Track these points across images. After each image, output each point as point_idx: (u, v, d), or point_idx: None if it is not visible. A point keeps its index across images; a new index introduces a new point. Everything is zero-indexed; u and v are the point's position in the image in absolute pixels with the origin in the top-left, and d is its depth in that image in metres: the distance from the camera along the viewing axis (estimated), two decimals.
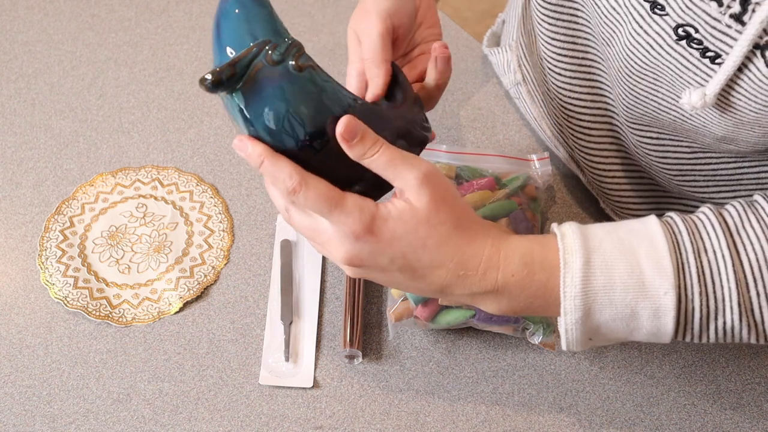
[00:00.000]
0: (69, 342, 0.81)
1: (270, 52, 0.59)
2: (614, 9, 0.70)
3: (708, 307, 0.61)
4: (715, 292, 0.61)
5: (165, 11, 1.09)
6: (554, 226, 0.65)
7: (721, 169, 0.78)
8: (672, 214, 0.65)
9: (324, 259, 0.86)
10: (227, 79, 0.58)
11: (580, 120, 0.84)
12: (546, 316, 0.65)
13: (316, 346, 0.80)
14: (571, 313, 0.62)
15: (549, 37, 0.81)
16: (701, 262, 0.61)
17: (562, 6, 0.78)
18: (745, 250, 0.61)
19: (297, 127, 0.60)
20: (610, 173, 0.85)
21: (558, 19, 0.79)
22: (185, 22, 1.08)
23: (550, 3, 0.79)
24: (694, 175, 0.79)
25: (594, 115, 0.83)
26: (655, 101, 0.72)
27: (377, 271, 0.63)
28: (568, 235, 0.63)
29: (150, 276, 0.85)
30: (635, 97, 0.73)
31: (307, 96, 0.60)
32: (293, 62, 0.60)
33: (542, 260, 0.63)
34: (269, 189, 0.65)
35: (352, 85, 0.73)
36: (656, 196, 0.85)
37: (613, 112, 0.81)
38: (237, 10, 0.60)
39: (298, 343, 0.80)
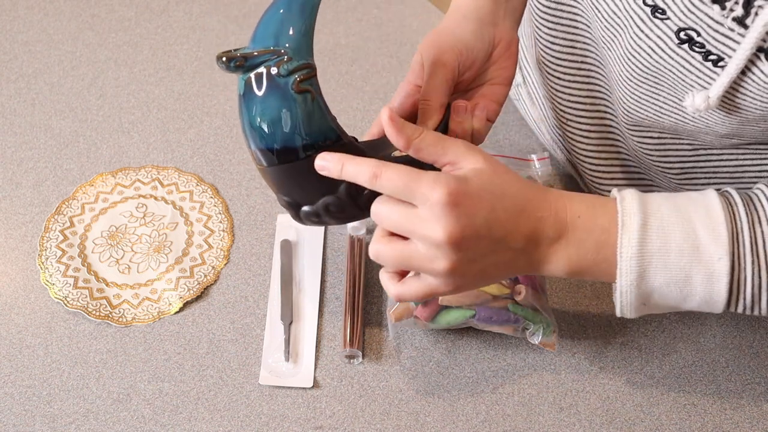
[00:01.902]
0: (69, 342, 0.81)
1: (280, 64, 0.63)
2: (615, 13, 0.69)
3: (760, 277, 0.62)
4: (767, 262, 0.62)
5: (165, 11, 1.09)
6: (614, 190, 0.67)
7: (722, 166, 0.78)
8: (729, 188, 0.66)
9: (324, 259, 0.86)
10: (235, 67, 0.64)
11: (579, 123, 0.84)
12: (605, 279, 0.66)
13: (316, 346, 0.80)
14: (627, 274, 0.63)
15: (548, 41, 0.81)
16: (755, 233, 0.62)
17: (561, 10, 0.78)
18: None
19: (269, 135, 0.64)
20: (609, 176, 0.85)
21: (557, 23, 0.79)
22: (185, 22, 1.08)
23: (549, 7, 0.79)
24: (696, 173, 0.79)
25: (592, 118, 0.83)
26: (657, 104, 0.71)
27: (476, 241, 0.61)
28: (627, 198, 0.65)
29: (150, 276, 0.85)
30: (636, 100, 0.73)
31: (291, 115, 0.63)
32: (295, 81, 0.63)
33: (603, 206, 0.65)
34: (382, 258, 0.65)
35: (395, 100, 0.72)
36: None
37: (612, 116, 0.81)
38: (281, 11, 0.63)
39: (298, 343, 0.80)
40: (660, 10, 0.64)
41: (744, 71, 0.62)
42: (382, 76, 1.03)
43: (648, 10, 0.65)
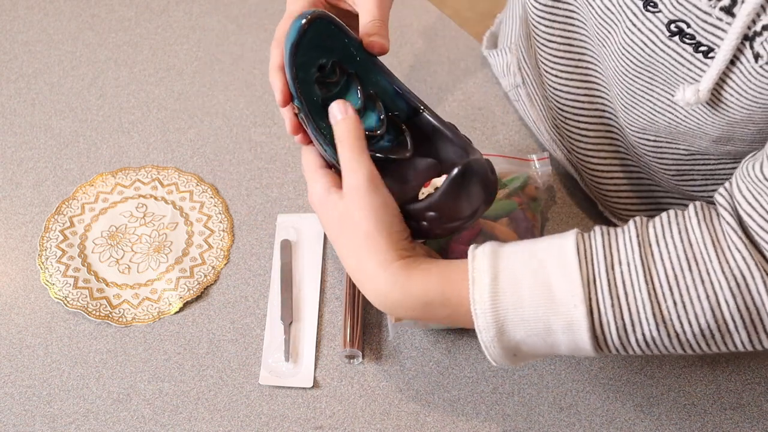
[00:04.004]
0: (69, 342, 0.81)
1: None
2: (608, 8, 0.70)
3: (623, 319, 0.60)
4: (628, 304, 0.60)
5: (165, 11, 1.09)
6: (471, 247, 0.65)
7: (719, 169, 0.78)
8: (598, 226, 0.64)
9: (324, 259, 0.86)
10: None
11: (577, 122, 0.84)
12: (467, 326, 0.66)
13: (316, 346, 0.80)
14: (485, 330, 0.62)
15: (545, 38, 0.81)
16: (614, 275, 0.60)
17: (556, 8, 0.78)
18: (662, 260, 0.60)
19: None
20: (608, 175, 0.85)
21: (553, 21, 0.79)
22: (185, 22, 1.08)
23: (544, 5, 0.79)
24: (693, 175, 0.79)
25: (590, 117, 0.83)
26: (651, 101, 0.72)
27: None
28: (478, 256, 0.63)
29: (150, 276, 0.85)
30: (632, 96, 0.73)
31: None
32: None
33: (442, 300, 0.64)
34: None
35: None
36: (655, 196, 0.85)
37: (611, 114, 0.81)
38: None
39: (298, 343, 0.80)
40: (652, 3, 0.65)
41: (732, 62, 0.62)
42: None
43: (640, 3, 0.66)
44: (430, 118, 0.71)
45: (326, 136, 0.70)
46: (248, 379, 0.79)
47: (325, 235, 0.87)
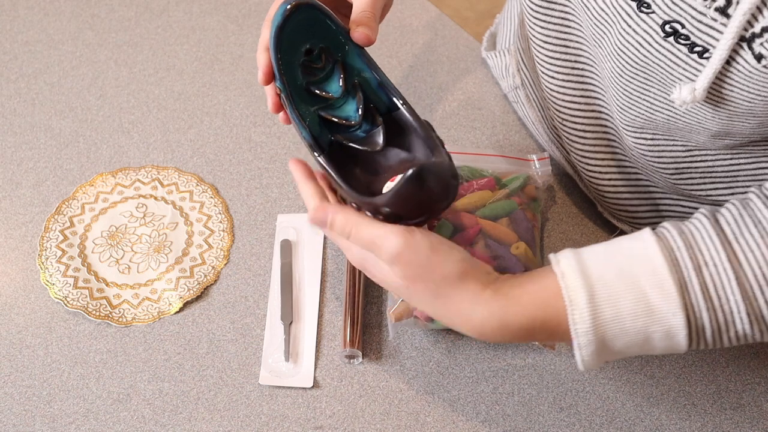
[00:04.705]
0: (69, 342, 0.81)
1: None
2: (603, 10, 0.70)
3: (717, 321, 0.60)
4: (722, 306, 0.60)
5: (165, 11, 1.09)
6: (552, 258, 0.65)
7: (717, 166, 0.78)
8: (667, 224, 0.64)
9: (324, 259, 0.86)
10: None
11: (574, 124, 0.84)
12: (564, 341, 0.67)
13: (316, 346, 0.80)
14: (585, 347, 0.62)
15: (541, 40, 0.81)
16: (704, 278, 0.60)
17: (552, 9, 0.78)
18: (747, 259, 0.60)
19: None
20: (606, 176, 0.85)
21: (549, 22, 0.79)
22: (185, 22, 1.08)
23: (540, 6, 0.79)
24: (691, 173, 0.79)
25: (588, 118, 0.83)
26: (647, 100, 0.72)
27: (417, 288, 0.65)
28: (567, 274, 0.63)
29: (150, 276, 0.85)
30: (628, 97, 0.73)
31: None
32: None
33: (542, 326, 0.64)
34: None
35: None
36: (653, 197, 0.85)
37: (608, 115, 0.81)
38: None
39: (298, 343, 0.80)
40: (645, 4, 0.65)
41: (728, 62, 0.62)
42: None
43: (634, 5, 0.66)
44: (407, 114, 0.72)
45: (305, 119, 0.72)
46: (248, 379, 0.79)
47: (324, 235, 0.87)
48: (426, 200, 0.66)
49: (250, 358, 0.80)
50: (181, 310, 0.83)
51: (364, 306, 0.82)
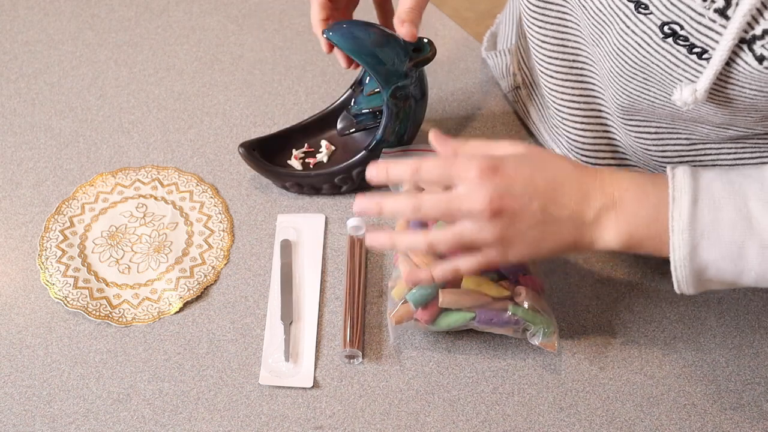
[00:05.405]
0: (69, 342, 0.81)
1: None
2: (600, 10, 0.70)
3: None
4: None
5: (165, 11, 1.09)
6: (669, 167, 0.67)
7: (721, 160, 0.78)
8: None
9: (324, 259, 0.86)
10: None
11: (574, 123, 0.84)
12: (657, 254, 0.68)
13: (316, 346, 0.80)
14: (679, 248, 0.64)
15: (539, 39, 0.81)
16: None
17: (550, 9, 0.78)
18: None
19: None
20: None
21: (547, 22, 0.79)
22: (185, 22, 1.08)
23: (538, 6, 0.79)
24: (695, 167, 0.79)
25: (588, 116, 0.83)
26: (648, 100, 0.72)
27: (518, 209, 0.66)
28: (678, 174, 0.66)
29: (150, 276, 0.85)
30: (628, 96, 0.73)
31: None
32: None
33: (653, 182, 0.67)
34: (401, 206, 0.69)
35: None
36: None
37: (607, 114, 0.81)
38: None
39: (298, 343, 0.80)
40: (643, 5, 0.65)
41: (729, 63, 0.62)
42: None
43: (632, 6, 0.66)
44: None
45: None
46: (248, 379, 0.79)
47: (325, 235, 0.88)
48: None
49: (250, 358, 0.80)
50: (181, 310, 0.83)
51: (364, 306, 0.82)
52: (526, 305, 0.76)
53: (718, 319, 0.83)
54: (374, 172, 0.69)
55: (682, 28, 0.63)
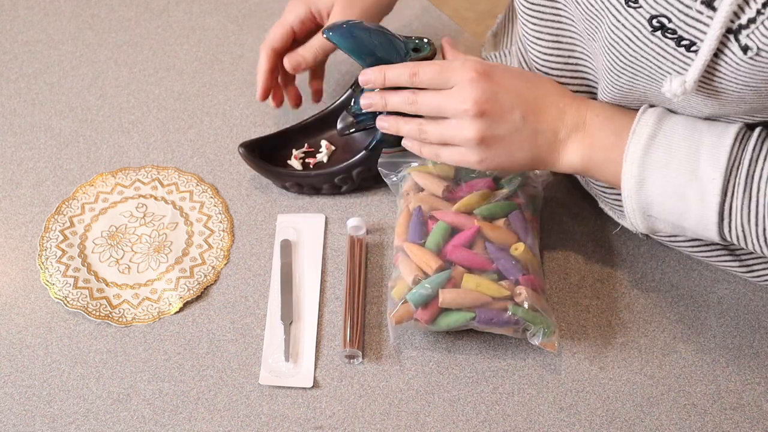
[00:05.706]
0: (69, 342, 0.81)
1: None
2: (592, 5, 0.70)
3: (749, 209, 0.65)
4: (758, 197, 0.65)
5: (165, 11, 1.09)
6: (644, 106, 0.72)
7: None
8: (759, 128, 0.68)
9: (324, 259, 0.86)
10: None
11: None
12: (610, 181, 0.73)
13: (316, 346, 0.80)
14: (628, 178, 0.68)
15: (534, 36, 0.81)
16: (755, 167, 0.65)
17: (544, 6, 0.79)
18: None
19: None
20: None
21: (542, 19, 0.79)
22: (185, 22, 1.08)
23: (532, 2, 0.79)
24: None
25: None
26: (638, 92, 0.72)
27: (500, 114, 0.73)
28: (649, 111, 0.70)
29: (150, 276, 0.85)
30: (619, 89, 0.74)
31: None
32: None
33: (624, 114, 0.73)
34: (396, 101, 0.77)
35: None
36: None
37: None
38: None
39: (298, 343, 0.80)
40: None
41: (717, 54, 0.63)
42: None
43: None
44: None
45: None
46: (248, 379, 0.79)
47: (325, 235, 0.88)
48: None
49: (250, 358, 0.80)
50: (181, 310, 0.83)
51: (364, 306, 0.82)
52: (526, 305, 0.76)
53: (718, 319, 0.83)
54: (371, 75, 0.76)
55: (670, 21, 0.63)
